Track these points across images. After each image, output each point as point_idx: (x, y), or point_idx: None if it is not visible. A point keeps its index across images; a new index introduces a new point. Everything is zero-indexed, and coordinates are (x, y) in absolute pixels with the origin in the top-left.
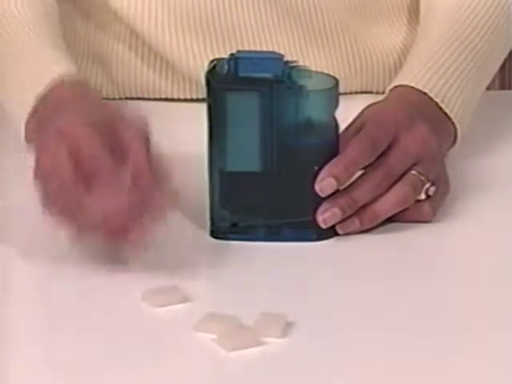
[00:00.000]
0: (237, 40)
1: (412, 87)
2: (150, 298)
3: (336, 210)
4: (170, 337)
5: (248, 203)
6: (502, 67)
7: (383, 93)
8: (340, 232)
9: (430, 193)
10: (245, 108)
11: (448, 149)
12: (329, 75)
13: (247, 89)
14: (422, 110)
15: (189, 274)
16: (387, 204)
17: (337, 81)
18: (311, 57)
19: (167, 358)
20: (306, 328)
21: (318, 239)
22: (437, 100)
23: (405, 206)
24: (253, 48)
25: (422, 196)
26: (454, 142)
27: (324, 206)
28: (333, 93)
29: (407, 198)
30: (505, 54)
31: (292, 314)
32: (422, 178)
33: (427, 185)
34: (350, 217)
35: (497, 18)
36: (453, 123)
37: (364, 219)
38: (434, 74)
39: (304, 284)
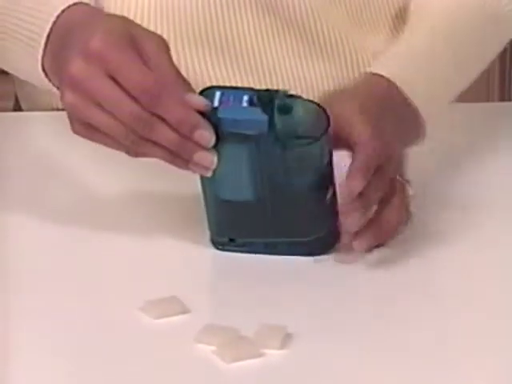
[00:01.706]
0: (236, 51)
1: (382, 76)
2: (149, 309)
3: (355, 214)
4: (169, 348)
5: (244, 225)
6: (503, 79)
7: None
8: (358, 250)
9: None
10: (233, 156)
11: (415, 143)
12: (320, 111)
13: (233, 142)
14: (390, 106)
15: (188, 285)
16: (395, 213)
17: (328, 120)
18: (310, 66)
19: (167, 370)
20: (305, 340)
21: (314, 254)
22: (405, 93)
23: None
24: (252, 59)
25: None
26: (422, 135)
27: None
28: (322, 142)
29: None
30: (488, 60)
31: (292, 325)
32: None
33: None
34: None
35: (484, 24)
36: (420, 117)
37: (376, 233)
38: (406, 66)
39: (304, 296)
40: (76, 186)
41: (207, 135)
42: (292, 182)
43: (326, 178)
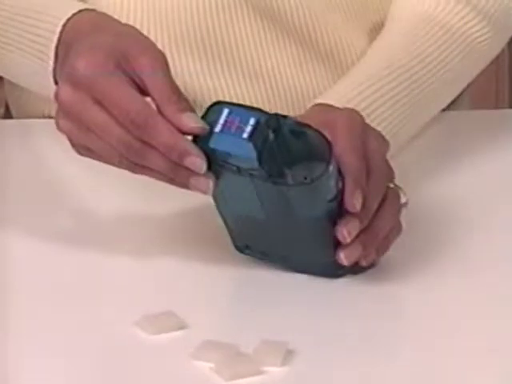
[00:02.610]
0: (233, 58)
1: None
2: (144, 325)
3: (357, 246)
4: (165, 366)
5: (259, 237)
6: None
7: None
8: (346, 261)
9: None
10: (233, 181)
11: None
12: (324, 141)
13: (229, 170)
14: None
15: (185, 300)
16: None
17: (330, 153)
18: (311, 73)
19: None
20: (307, 357)
21: (334, 275)
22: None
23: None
24: (250, 66)
25: None
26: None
27: (345, 244)
28: (323, 180)
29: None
30: (460, 86)
31: (293, 341)
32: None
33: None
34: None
35: (452, 51)
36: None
37: (367, 242)
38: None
39: (306, 311)
40: (73, 199)
41: (198, 162)
42: (296, 215)
43: (333, 211)
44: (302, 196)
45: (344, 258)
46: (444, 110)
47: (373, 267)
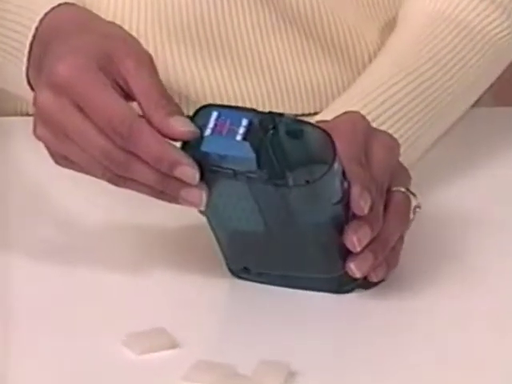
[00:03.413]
0: (231, 49)
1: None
2: (132, 344)
3: (367, 255)
4: None
5: (257, 256)
6: None
7: None
8: (375, 280)
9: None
10: (228, 189)
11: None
12: (328, 140)
13: (223, 177)
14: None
15: (177, 316)
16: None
17: (334, 151)
18: (316, 67)
19: None
20: (310, 378)
21: (341, 291)
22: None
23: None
24: (249, 58)
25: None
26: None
27: (354, 253)
28: (326, 180)
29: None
30: (475, 94)
31: (295, 362)
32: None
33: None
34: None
35: (469, 51)
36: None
37: (377, 250)
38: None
39: (308, 330)
40: (58, 210)
41: (190, 172)
42: (298, 221)
43: (339, 216)
44: (304, 199)
45: (355, 269)
46: None
47: (382, 281)
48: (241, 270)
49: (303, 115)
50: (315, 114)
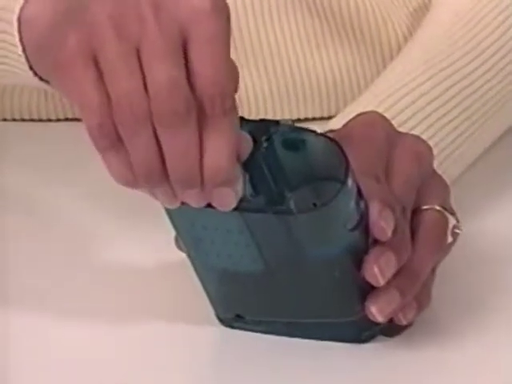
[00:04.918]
0: (241, 30)
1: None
2: None
3: (392, 293)
4: None
5: (252, 299)
6: None
7: None
8: (404, 323)
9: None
10: (216, 220)
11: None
12: (336, 150)
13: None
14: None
15: (160, 368)
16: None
17: (347, 164)
18: (332, 55)
19: None
20: None
21: (353, 340)
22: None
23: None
24: (247, 44)
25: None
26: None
27: (376, 291)
28: (338, 202)
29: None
30: None
31: None
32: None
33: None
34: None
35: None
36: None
37: (405, 285)
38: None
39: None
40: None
41: (232, 197)
42: (305, 256)
43: (357, 245)
44: (312, 227)
45: (377, 311)
46: None
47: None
48: (233, 319)
49: (314, 119)
50: (329, 118)
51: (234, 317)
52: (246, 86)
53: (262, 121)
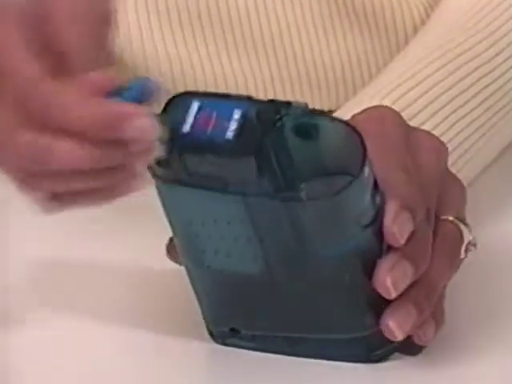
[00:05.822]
0: (231, 20)
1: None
2: None
3: (410, 308)
4: None
5: (249, 309)
6: None
7: None
8: (421, 343)
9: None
10: (214, 208)
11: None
12: (354, 136)
13: (209, 189)
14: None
15: None
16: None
17: (364, 151)
18: (340, 40)
19: None
20: None
21: (369, 361)
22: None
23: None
24: (247, 31)
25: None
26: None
27: (394, 304)
28: (352, 192)
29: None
30: None
31: None
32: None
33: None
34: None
35: None
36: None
37: (420, 300)
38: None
39: None
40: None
41: (148, 125)
42: (313, 254)
43: (371, 245)
44: (321, 219)
45: (396, 327)
46: None
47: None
48: (227, 333)
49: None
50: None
51: (228, 331)
52: (245, 76)
53: (272, 101)
